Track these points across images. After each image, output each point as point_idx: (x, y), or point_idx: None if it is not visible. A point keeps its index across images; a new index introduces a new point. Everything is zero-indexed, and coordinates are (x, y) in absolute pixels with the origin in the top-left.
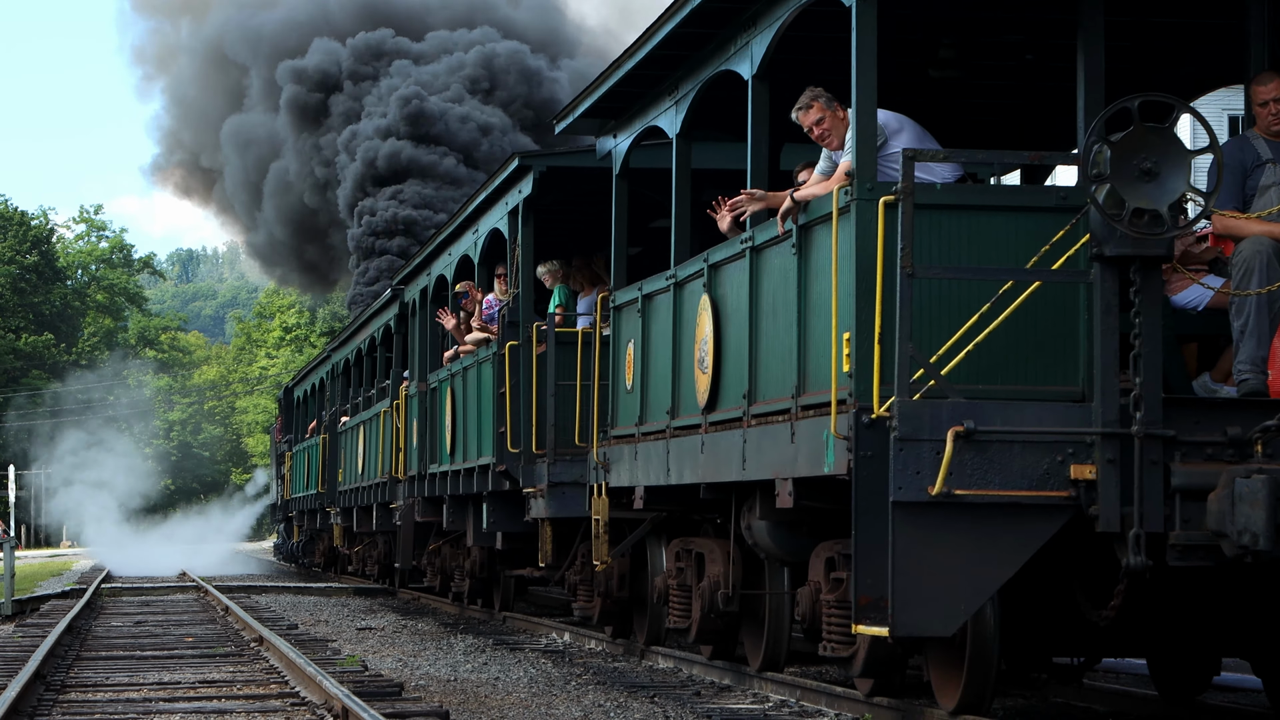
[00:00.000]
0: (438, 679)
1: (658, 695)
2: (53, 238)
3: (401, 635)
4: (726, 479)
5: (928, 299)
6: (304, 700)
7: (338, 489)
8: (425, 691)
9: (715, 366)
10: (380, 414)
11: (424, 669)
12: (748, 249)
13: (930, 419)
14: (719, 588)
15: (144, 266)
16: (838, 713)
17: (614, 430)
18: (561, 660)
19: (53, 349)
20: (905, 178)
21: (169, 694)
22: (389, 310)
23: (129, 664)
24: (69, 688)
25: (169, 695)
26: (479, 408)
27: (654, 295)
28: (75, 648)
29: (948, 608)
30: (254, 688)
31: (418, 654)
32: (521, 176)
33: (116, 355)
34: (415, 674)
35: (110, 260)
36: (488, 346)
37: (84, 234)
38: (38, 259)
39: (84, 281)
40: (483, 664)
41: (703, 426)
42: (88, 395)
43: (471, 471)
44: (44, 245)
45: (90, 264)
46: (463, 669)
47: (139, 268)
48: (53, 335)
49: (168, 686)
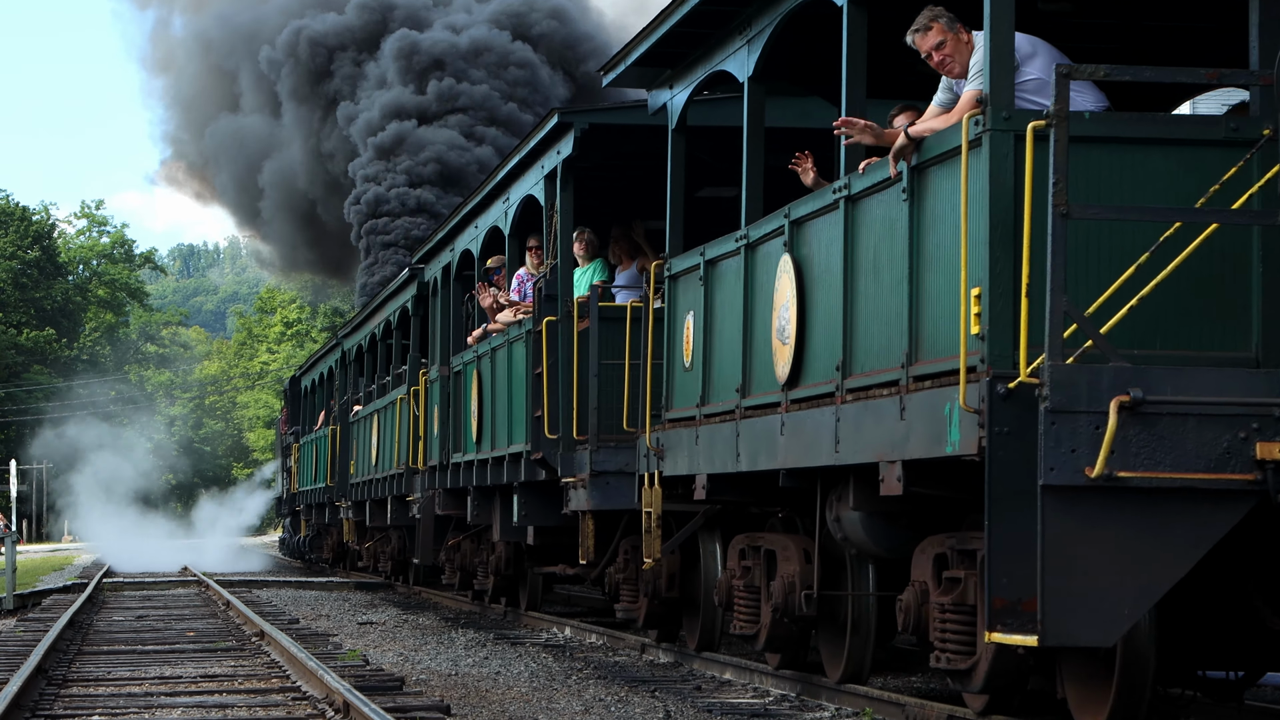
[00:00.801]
0: (439, 673)
1: (658, 689)
2: (54, 233)
3: (403, 630)
4: (813, 464)
5: (1071, 248)
6: (305, 694)
7: (349, 481)
8: (426, 686)
9: (799, 336)
10: (397, 401)
11: (425, 663)
12: (842, 199)
13: (1088, 387)
14: (794, 589)
15: (145, 262)
16: (838, 707)
17: (669, 413)
18: (562, 654)
19: (54, 344)
20: (1059, 99)
21: (170, 688)
22: (407, 291)
23: (131, 658)
24: (71, 682)
25: (170, 690)
26: (510, 391)
27: (719, 260)
28: (77, 642)
29: (1108, 612)
30: (255, 682)
31: (419, 648)
32: (561, 135)
33: (118, 350)
34: (416, 668)
35: (112, 255)
36: (520, 325)
37: (85, 229)
38: (39, 254)
39: (85, 277)
40: (484, 658)
41: (783, 405)
42: (89, 390)
43: (501, 461)
44: (45, 240)
45: (92, 259)
46: (464, 663)
47: (140, 263)
48: (54, 330)
49: (169, 681)
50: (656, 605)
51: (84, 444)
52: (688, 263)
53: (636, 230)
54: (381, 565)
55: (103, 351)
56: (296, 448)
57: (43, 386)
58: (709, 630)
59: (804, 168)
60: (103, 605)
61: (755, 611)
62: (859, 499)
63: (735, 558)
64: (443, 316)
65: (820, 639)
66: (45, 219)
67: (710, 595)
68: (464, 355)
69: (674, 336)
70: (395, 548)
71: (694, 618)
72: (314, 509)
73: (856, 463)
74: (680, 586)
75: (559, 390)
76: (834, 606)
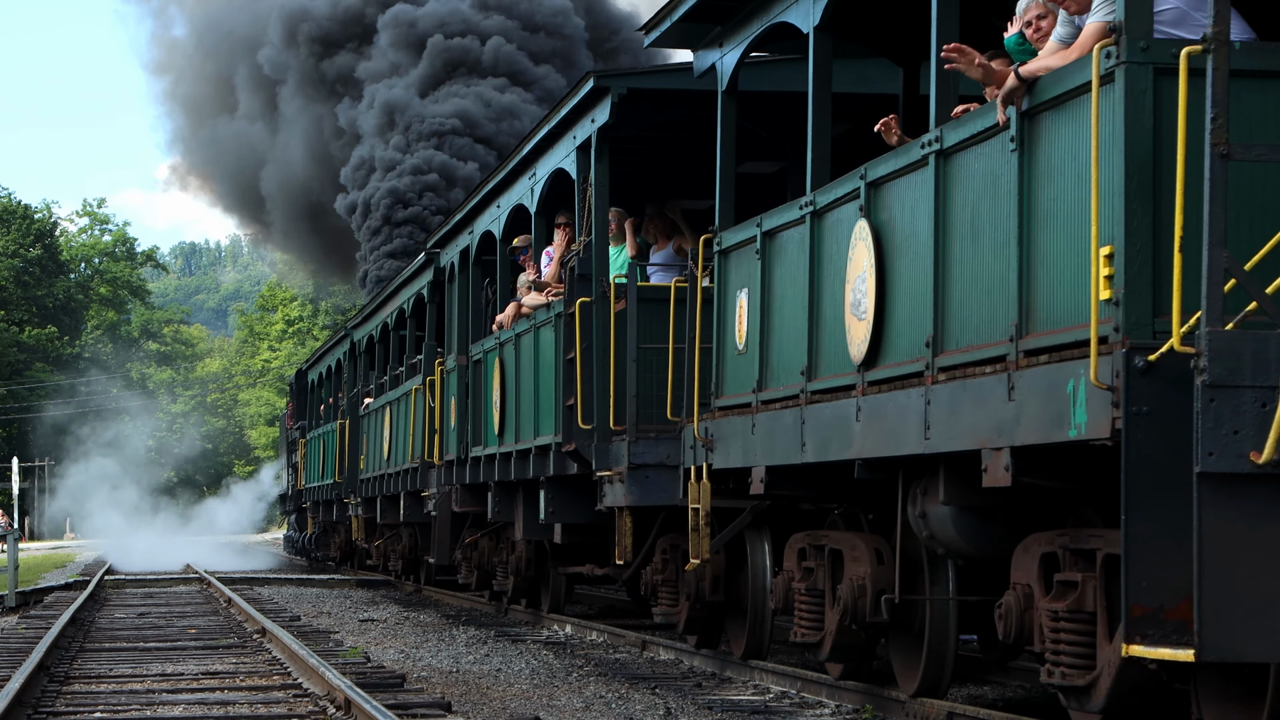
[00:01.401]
0: (440, 670)
1: (659, 686)
2: (56, 231)
3: (404, 627)
4: (897, 453)
5: None
6: (306, 691)
7: (359, 477)
8: (427, 683)
9: (877, 310)
10: (411, 392)
11: (426, 660)
12: (931, 154)
13: (1254, 357)
14: (864, 592)
15: (147, 260)
16: (838, 704)
17: (720, 400)
18: (563, 652)
19: (56, 342)
20: (1218, 19)
21: (172, 685)
22: (422, 277)
23: (132, 655)
24: (72, 679)
25: (172, 687)
26: (537, 380)
27: (779, 232)
28: (79, 639)
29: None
30: (257, 679)
31: (420, 645)
32: (597, 101)
33: (120, 348)
34: (417, 665)
35: (113, 253)
36: (549, 309)
37: (87, 227)
38: (41, 252)
39: (87, 275)
40: (484, 655)
41: (858, 387)
42: (90, 388)
43: (526, 454)
44: (47, 239)
45: (93, 257)
46: (465, 660)
47: (142, 261)
48: (56, 328)
49: (171, 678)
50: (699, 609)
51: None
52: (741, 236)
53: (673, 210)
54: (392, 564)
55: (104, 349)
56: (303, 443)
57: (44, 384)
58: (757, 636)
59: (890, 128)
60: (104, 602)
61: (819, 617)
62: (951, 492)
63: (793, 558)
64: (460, 303)
65: (892, 648)
66: (47, 217)
67: (760, 599)
68: (484, 343)
69: (725, 317)
70: (406, 546)
71: (738, 623)
72: (321, 506)
73: (952, 450)
74: (725, 589)
75: (593, 377)
76: (907, 612)
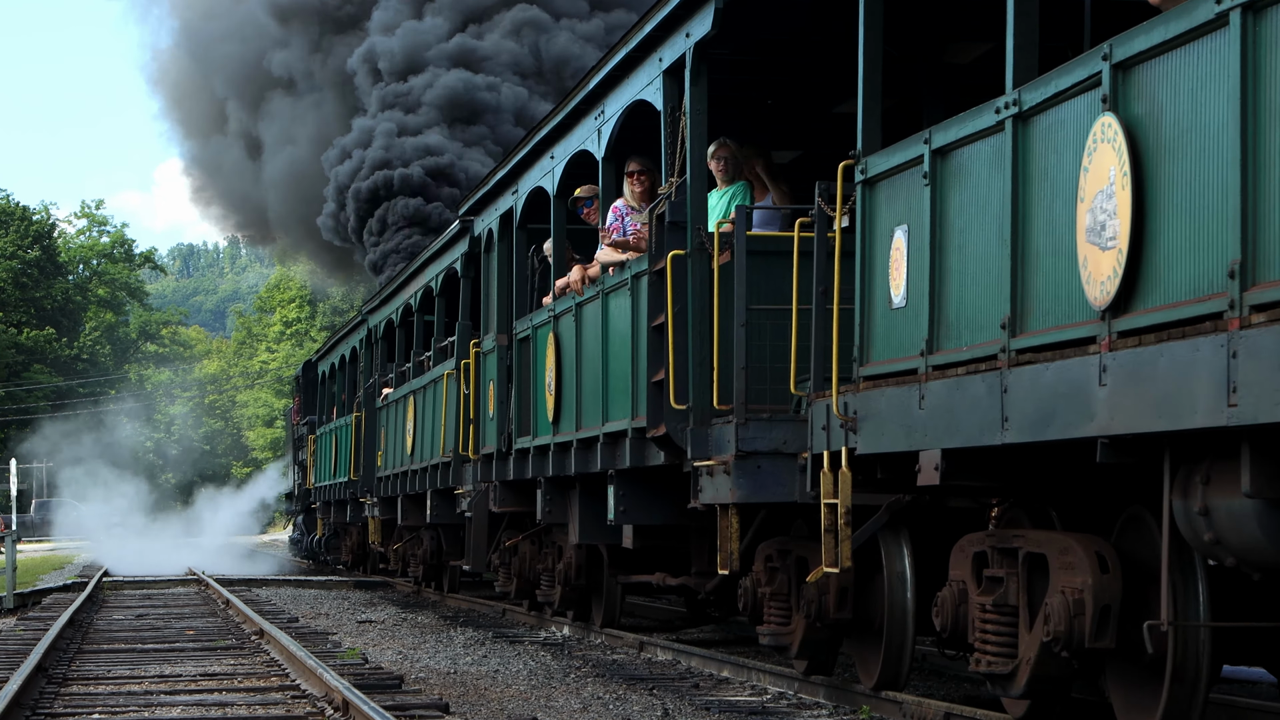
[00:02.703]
0: (438, 671)
1: (656, 687)
2: (54, 232)
3: (401, 628)
4: (1175, 426)
5: None
6: (305, 693)
7: (376, 475)
8: (425, 684)
9: (1134, 236)
10: (442, 379)
11: (424, 661)
12: (1232, 8)
13: None
14: (1083, 609)
15: (145, 261)
16: (836, 704)
17: (866, 368)
18: (560, 653)
19: (54, 343)
20: None
21: (170, 687)
22: (454, 249)
23: (130, 657)
24: (71, 681)
25: (170, 688)
26: (605, 355)
27: (959, 147)
28: (77, 641)
29: None
30: (255, 680)
31: (418, 646)
32: (694, 11)
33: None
34: (415, 666)
35: (111, 255)
36: (625, 269)
37: (85, 229)
38: (39, 254)
39: (85, 276)
40: (482, 656)
41: (1103, 340)
42: (89, 389)
43: (590, 444)
44: (46, 240)
45: (91, 259)
46: (462, 661)
47: (140, 262)
48: (54, 330)
49: (169, 679)
50: (819, 630)
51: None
52: (898, 158)
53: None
54: (412, 569)
55: (102, 351)
56: (312, 439)
57: (43, 386)
58: (895, 663)
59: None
60: (103, 604)
61: (1012, 643)
62: (1262, 480)
63: (966, 566)
64: (501, 274)
65: (1111, 680)
66: (45, 219)
67: (900, 616)
68: (533, 318)
69: (871, 263)
70: (428, 549)
71: (872, 647)
72: (332, 506)
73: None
74: (854, 605)
75: (688, 346)
76: (1135, 635)
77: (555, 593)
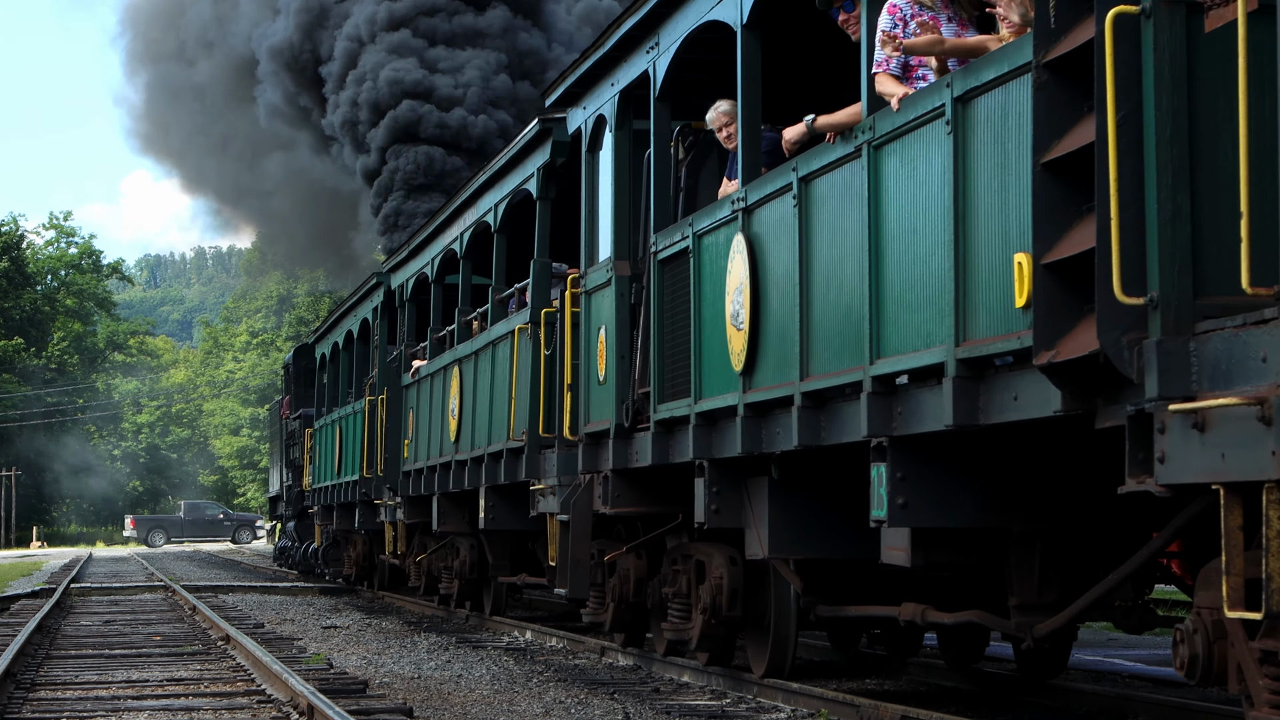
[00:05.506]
0: (402, 676)
1: (618, 692)
2: (23, 244)
3: (366, 634)
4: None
5: None
6: (270, 698)
7: (400, 469)
8: (389, 689)
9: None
10: (510, 335)
11: (388, 667)
12: None
13: None
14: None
15: (113, 272)
16: (793, 708)
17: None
18: (523, 658)
19: (22, 353)
20: None
21: (138, 692)
22: (526, 164)
23: (98, 662)
24: (39, 686)
25: (138, 693)
26: (878, 253)
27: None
28: (45, 646)
29: None
30: (221, 685)
31: (382, 652)
32: None
33: (86, 359)
34: (380, 672)
35: (79, 266)
36: (913, 106)
37: (54, 240)
38: (8, 265)
39: (53, 287)
40: (446, 662)
41: None
42: (57, 399)
43: (818, 401)
44: (14, 251)
45: (60, 269)
46: (426, 667)
47: (108, 273)
48: (23, 340)
49: (136, 685)
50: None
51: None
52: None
53: None
54: (444, 586)
55: (70, 360)
56: (309, 434)
57: (10, 395)
58: None
59: None
60: (71, 610)
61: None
62: None
63: None
64: (618, 177)
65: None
66: (14, 230)
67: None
68: (696, 220)
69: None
70: (467, 561)
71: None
72: (335, 510)
73: None
74: None
75: None
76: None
77: (692, 629)
